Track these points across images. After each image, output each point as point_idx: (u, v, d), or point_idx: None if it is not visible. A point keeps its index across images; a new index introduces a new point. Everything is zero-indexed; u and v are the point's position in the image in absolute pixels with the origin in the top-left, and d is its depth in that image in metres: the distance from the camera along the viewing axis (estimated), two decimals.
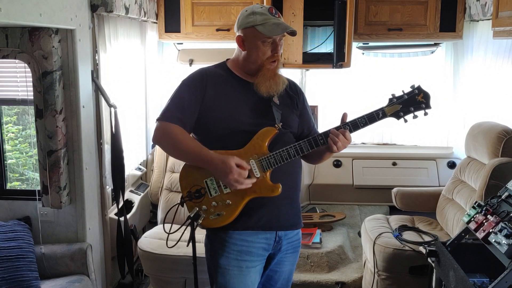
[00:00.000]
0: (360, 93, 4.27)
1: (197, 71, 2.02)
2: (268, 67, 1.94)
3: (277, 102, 1.97)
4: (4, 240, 2.57)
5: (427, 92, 1.88)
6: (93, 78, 2.81)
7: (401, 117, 1.89)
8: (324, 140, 1.88)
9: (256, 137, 1.89)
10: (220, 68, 2.03)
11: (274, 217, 1.94)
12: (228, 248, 1.92)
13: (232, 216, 1.89)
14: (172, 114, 1.92)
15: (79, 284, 2.60)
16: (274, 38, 1.92)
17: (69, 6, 2.50)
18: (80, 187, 2.73)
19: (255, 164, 1.87)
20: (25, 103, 2.73)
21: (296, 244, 2.08)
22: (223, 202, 1.89)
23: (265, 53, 1.93)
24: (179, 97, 1.95)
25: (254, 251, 1.94)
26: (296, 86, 2.13)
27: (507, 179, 2.27)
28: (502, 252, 1.90)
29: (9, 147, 3.23)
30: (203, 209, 1.90)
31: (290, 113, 2.02)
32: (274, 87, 1.94)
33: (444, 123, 4.12)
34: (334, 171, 4.06)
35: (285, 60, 3.62)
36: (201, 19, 3.71)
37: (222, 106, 1.92)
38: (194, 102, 1.92)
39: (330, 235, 3.59)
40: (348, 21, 3.51)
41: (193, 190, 1.92)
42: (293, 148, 1.87)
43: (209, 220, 1.90)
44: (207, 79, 1.95)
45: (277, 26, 1.90)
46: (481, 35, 3.47)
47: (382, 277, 2.92)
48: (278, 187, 1.87)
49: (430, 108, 1.88)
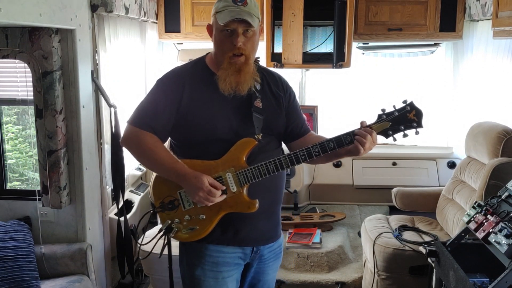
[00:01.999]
0: (360, 93, 4.27)
1: (174, 72, 1.87)
2: (230, 61, 1.75)
3: (259, 106, 1.81)
4: (4, 240, 2.57)
5: (420, 110, 1.72)
6: (93, 78, 2.81)
7: (390, 135, 1.73)
8: (306, 156, 1.73)
9: (234, 149, 1.76)
10: (198, 66, 1.86)
11: (251, 231, 1.84)
12: (204, 260, 1.84)
13: (206, 231, 1.79)
14: (145, 121, 1.79)
15: (79, 284, 2.60)
16: (234, 28, 1.72)
17: (69, 6, 2.50)
18: (80, 187, 2.73)
19: (231, 177, 1.74)
20: (25, 103, 2.73)
21: (278, 251, 2.00)
22: (197, 216, 1.78)
23: (224, 44, 1.75)
24: (154, 102, 1.81)
25: (231, 261, 1.85)
26: (283, 82, 1.95)
27: (507, 179, 2.27)
28: (502, 252, 1.90)
29: (9, 147, 3.23)
30: (176, 222, 1.80)
31: (274, 116, 1.86)
32: (236, 85, 1.76)
33: (444, 123, 4.12)
34: (334, 171, 4.06)
35: (285, 60, 3.62)
36: (201, 19, 3.71)
37: (199, 112, 1.78)
38: (170, 109, 1.78)
39: (330, 235, 3.58)
40: (348, 21, 3.51)
41: (166, 201, 1.81)
42: (272, 164, 1.73)
43: (182, 234, 1.81)
44: (184, 82, 1.80)
45: (229, 13, 1.70)
46: (481, 35, 3.47)
47: (382, 277, 2.92)
48: (254, 204, 1.75)
49: (422, 127, 1.72)
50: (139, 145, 1.80)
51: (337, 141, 1.73)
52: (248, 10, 1.72)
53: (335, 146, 1.73)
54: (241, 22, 1.71)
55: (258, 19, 1.76)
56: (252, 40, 1.77)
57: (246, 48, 1.75)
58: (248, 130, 1.78)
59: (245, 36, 1.75)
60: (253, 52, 1.81)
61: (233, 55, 1.75)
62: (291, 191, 3.89)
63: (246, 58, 1.77)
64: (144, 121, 1.79)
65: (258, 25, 1.78)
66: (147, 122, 1.78)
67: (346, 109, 4.37)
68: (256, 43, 1.81)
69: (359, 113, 4.23)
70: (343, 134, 1.73)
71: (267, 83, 1.90)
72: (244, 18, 1.70)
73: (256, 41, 1.80)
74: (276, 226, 1.95)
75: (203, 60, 1.88)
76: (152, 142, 1.77)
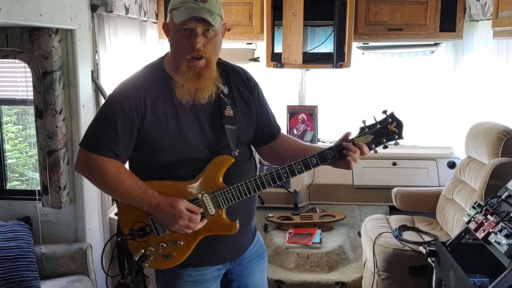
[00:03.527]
0: (360, 93, 4.27)
1: (130, 85, 1.62)
2: (188, 65, 1.55)
3: (230, 115, 1.64)
4: (4, 240, 2.57)
5: (401, 121, 1.68)
6: (93, 78, 2.81)
7: (372, 149, 1.68)
8: (288, 173, 1.61)
9: (209, 168, 1.60)
10: (156, 74, 1.63)
11: (228, 249, 1.73)
12: (183, 280, 1.71)
13: (184, 256, 1.65)
14: (102, 145, 1.55)
15: (79, 284, 2.60)
16: (192, 27, 1.51)
17: (69, 6, 2.50)
18: (80, 187, 2.73)
19: (209, 199, 1.59)
20: (25, 103, 2.73)
21: (260, 251, 1.90)
22: (173, 242, 1.62)
23: (181, 45, 1.55)
24: (111, 122, 1.55)
25: (210, 277, 1.74)
26: (249, 80, 1.75)
27: (507, 179, 2.27)
28: (502, 252, 1.90)
29: (9, 147, 3.23)
30: (150, 250, 1.64)
31: (246, 124, 1.71)
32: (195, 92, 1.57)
33: (444, 123, 4.12)
34: (334, 171, 3.96)
35: (285, 60, 3.62)
36: None
37: (165, 132, 1.57)
38: (130, 129, 1.56)
39: (330, 235, 3.58)
40: (348, 21, 3.51)
41: (136, 228, 1.63)
42: (253, 183, 1.60)
43: (158, 262, 1.66)
44: (145, 99, 1.56)
45: (187, 10, 1.50)
46: (481, 35, 3.47)
47: (382, 277, 2.92)
48: (235, 225, 1.62)
49: (402, 139, 1.69)
50: (100, 175, 1.57)
51: (320, 157, 1.65)
52: (209, 7, 1.52)
53: (318, 162, 1.65)
54: (200, 21, 1.51)
55: (220, 17, 1.58)
56: (213, 41, 1.56)
57: (206, 50, 1.55)
58: (221, 144, 1.64)
59: (205, 37, 1.54)
60: (215, 54, 1.60)
61: (191, 58, 1.54)
62: (291, 191, 3.89)
63: (207, 62, 1.56)
64: (102, 145, 1.55)
65: (220, 24, 1.59)
66: (106, 147, 1.55)
67: (346, 109, 4.37)
68: (219, 44, 1.61)
69: (359, 113, 4.23)
70: (326, 149, 1.65)
71: (234, 85, 1.71)
72: (203, 17, 1.50)
73: (218, 42, 1.60)
74: (251, 233, 1.84)
75: (161, 65, 1.66)
76: (114, 170, 1.56)
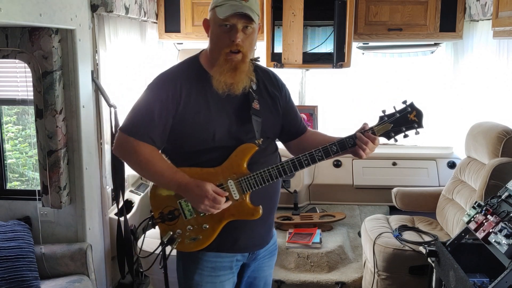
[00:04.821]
0: (360, 93, 4.27)
1: (168, 75, 1.75)
2: (226, 58, 1.67)
3: (257, 108, 1.75)
4: (4, 240, 2.57)
5: (420, 110, 1.72)
6: (93, 78, 2.81)
7: (391, 137, 1.73)
8: (309, 161, 1.70)
9: (234, 155, 1.71)
10: (192, 67, 1.76)
11: (249, 239, 1.82)
12: (202, 265, 1.81)
13: (209, 240, 1.75)
14: (140, 130, 1.69)
15: (79, 284, 2.60)
16: (234, 23, 1.64)
17: (69, 6, 2.50)
18: (80, 187, 2.73)
19: (233, 185, 1.69)
20: (25, 103, 2.73)
21: (273, 248, 1.99)
22: (200, 226, 1.73)
23: (221, 39, 1.67)
24: (148, 109, 1.69)
25: (228, 265, 1.83)
26: (277, 80, 1.89)
27: (507, 179, 2.27)
28: (502, 252, 1.90)
29: (9, 147, 3.23)
30: (178, 232, 1.75)
31: (271, 118, 1.82)
32: (231, 84, 1.69)
33: (444, 123, 4.12)
34: (334, 171, 4.06)
35: (285, 60, 3.62)
36: (201, 19, 3.63)
37: (196, 119, 1.70)
38: (166, 116, 1.69)
39: (330, 235, 3.58)
40: (348, 21, 3.51)
41: (166, 211, 1.75)
42: (275, 169, 1.69)
43: (185, 244, 1.76)
44: (181, 87, 1.70)
45: (230, 7, 1.62)
46: (481, 35, 3.47)
47: (382, 277, 2.92)
48: (258, 210, 1.72)
49: (422, 128, 1.72)
50: (135, 157, 1.71)
51: (340, 144, 1.71)
52: (250, 5, 1.65)
53: (338, 150, 1.71)
54: (241, 18, 1.64)
55: (258, 16, 1.69)
56: (250, 38, 1.70)
57: (244, 45, 1.67)
58: (248, 135, 1.74)
59: (244, 33, 1.67)
60: (251, 50, 1.74)
61: (230, 51, 1.66)
62: (291, 191, 3.89)
63: (243, 56, 1.68)
64: (140, 130, 1.69)
65: (257, 23, 1.71)
66: (142, 131, 1.69)
67: (346, 109, 4.37)
68: (255, 41, 1.74)
69: (359, 113, 4.23)
70: (346, 138, 1.72)
71: (262, 82, 1.83)
72: (246, 13, 1.62)
73: (254, 39, 1.73)
74: (271, 228, 1.94)
75: (197, 59, 1.79)
76: (149, 152, 1.69)
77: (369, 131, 1.71)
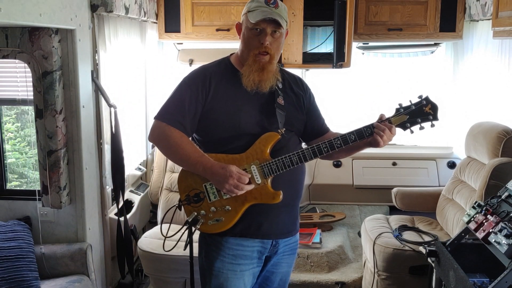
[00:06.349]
0: (360, 93, 4.27)
1: (199, 70, 1.94)
2: (255, 58, 1.84)
3: (281, 103, 1.91)
4: (4, 240, 2.57)
5: (435, 104, 1.82)
6: (93, 78, 2.81)
7: (407, 128, 1.84)
8: (328, 148, 1.82)
9: (258, 142, 1.84)
10: (222, 65, 1.96)
11: (273, 225, 1.91)
12: (224, 252, 1.90)
13: (231, 222, 1.85)
14: (172, 116, 1.86)
15: (79, 284, 2.60)
16: (263, 28, 1.82)
17: (69, 6, 2.50)
18: (80, 187, 2.73)
19: (256, 170, 1.82)
20: (25, 103, 2.73)
21: (294, 246, 2.05)
22: (223, 207, 1.85)
23: (251, 41, 1.85)
24: (180, 98, 1.88)
25: (249, 254, 1.91)
26: (303, 83, 2.07)
27: (507, 179, 2.27)
28: (502, 252, 1.90)
29: (8, 147, 3.23)
30: (202, 214, 1.86)
31: (295, 113, 1.96)
32: (259, 82, 1.85)
33: (444, 123, 4.12)
34: (334, 171, 4.06)
35: (285, 60, 3.61)
36: (201, 19, 3.71)
37: (224, 108, 1.86)
38: (195, 105, 1.86)
39: (330, 235, 3.59)
40: (348, 21, 3.51)
41: (192, 194, 1.87)
42: (296, 156, 1.82)
43: (208, 226, 1.87)
44: (210, 80, 1.88)
45: (261, 13, 1.81)
46: (481, 35, 3.47)
47: (382, 277, 2.92)
48: (279, 195, 1.83)
49: (437, 120, 1.82)
50: (166, 140, 1.85)
51: (358, 133, 1.83)
52: (279, 12, 1.82)
53: (356, 138, 1.83)
54: (271, 23, 1.81)
55: (286, 22, 1.87)
56: (278, 41, 1.86)
57: (272, 48, 1.84)
58: (272, 126, 1.87)
59: (273, 37, 1.84)
60: (278, 52, 1.90)
61: (258, 53, 1.83)
62: None
63: (271, 58, 1.85)
64: (172, 116, 1.85)
65: (286, 28, 1.88)
66: (174, 118, 1.85)
67: (346, 109, 4.37)
68: (282, 45, 1.90)
69: (359, 113, 4.23)
70: (364, 127, 1.83)
71: (288, 82, 1.99)
72: (275, 18, 1.80)
73: (282, 43, 1.89)
74: (295, 220, 2.02)
75: (227, 59, 1.98)
76: (179, 137, 1.84)
77: (386, 121, 1.82)
